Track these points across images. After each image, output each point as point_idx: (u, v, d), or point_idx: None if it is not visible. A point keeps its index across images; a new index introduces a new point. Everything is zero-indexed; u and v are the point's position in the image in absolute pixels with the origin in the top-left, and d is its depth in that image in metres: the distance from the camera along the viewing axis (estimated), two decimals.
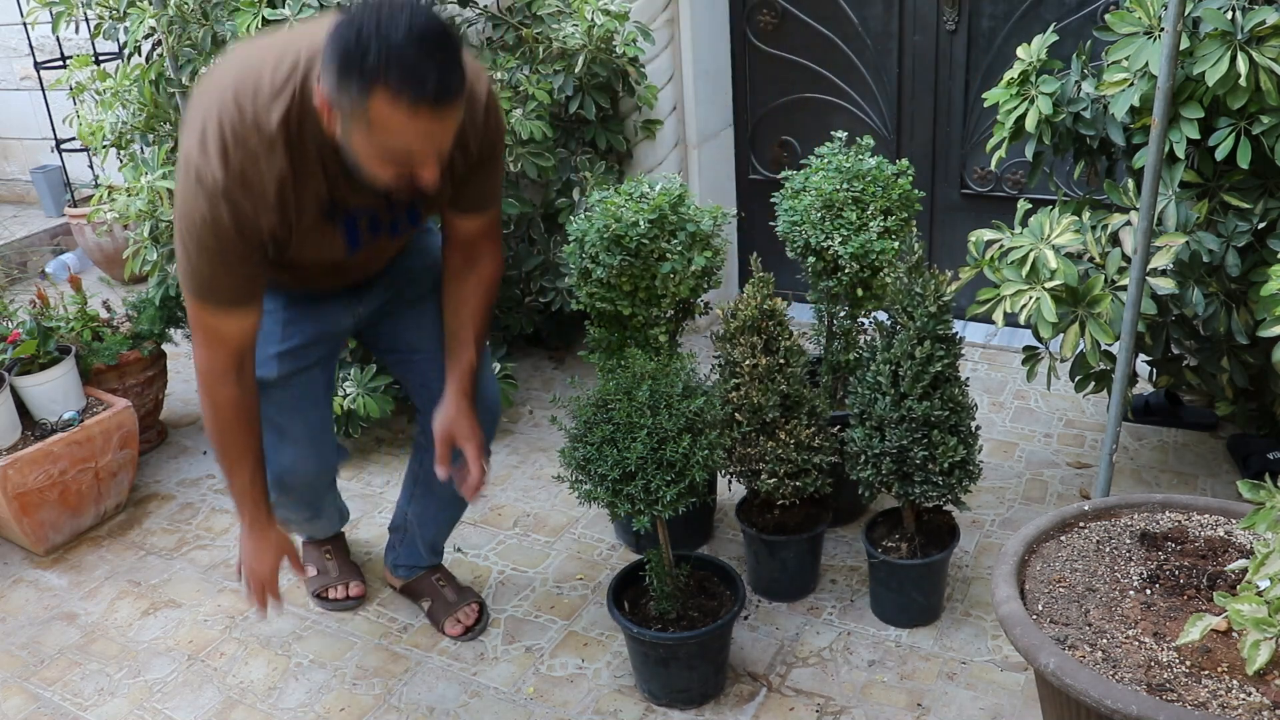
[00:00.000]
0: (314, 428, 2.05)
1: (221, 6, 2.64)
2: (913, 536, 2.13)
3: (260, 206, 1.62)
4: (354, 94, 1.46)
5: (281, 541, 1.89)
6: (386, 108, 1.45)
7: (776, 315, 2.10)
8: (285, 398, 2.00)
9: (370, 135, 1.51)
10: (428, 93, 1.44)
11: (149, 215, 2.81)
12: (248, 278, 1.71)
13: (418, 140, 1.51)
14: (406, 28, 1.42)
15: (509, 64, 2.86)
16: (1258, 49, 1.85)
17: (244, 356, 1.76)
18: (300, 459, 2.04)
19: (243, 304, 1.72)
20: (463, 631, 2.25)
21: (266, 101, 1.58)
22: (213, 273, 1.67)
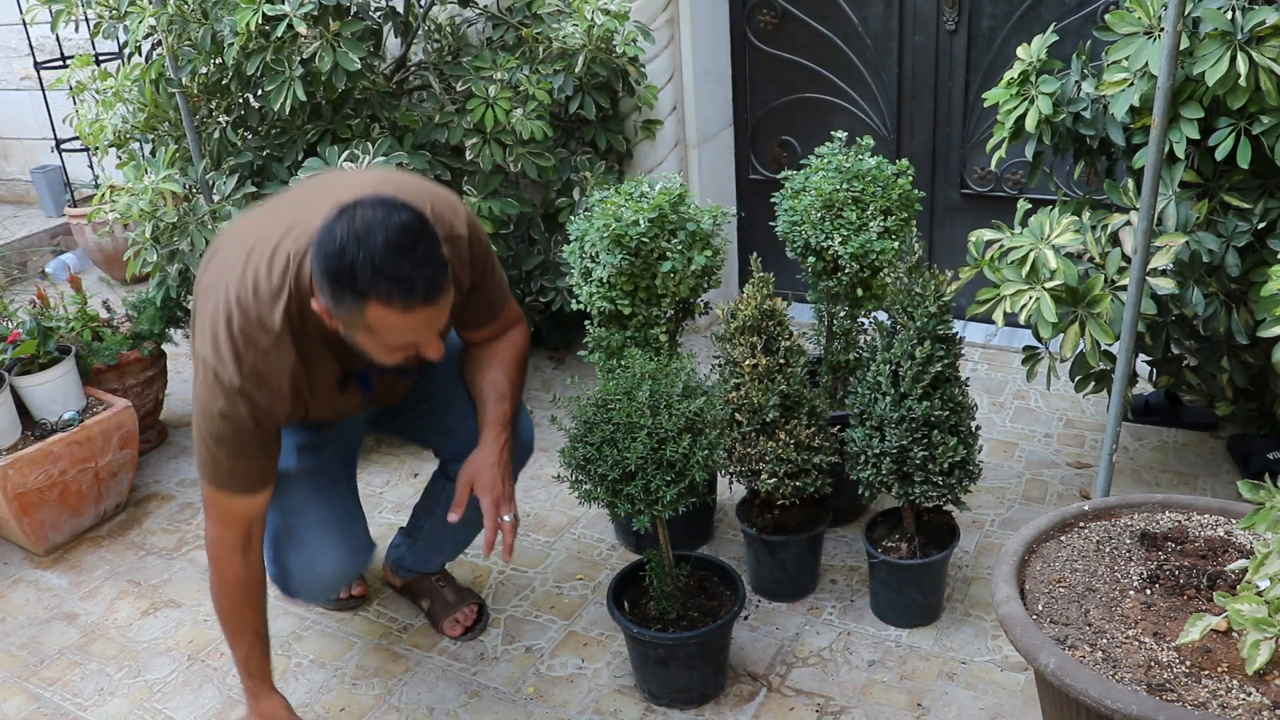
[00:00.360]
0: (338, 514, 1.99)
1: (221, 5, 2.64)
2: (913, 536, 2.13)
3: (275, 399, 1.71)
4: (350, 307, 1.57)
5: (272, 715, 1.92)
6: (382, 313, 1.56)
7: (776, 315, 2.10)
8: (305, 487, 1.97)
9: (372, 337, 1.62)
10: (417, 295, 1.55)
11: (150, 215, 2.81)
12: (263, 466, 1.79)
13: (418, 332, 1.62)
14: (383, 237, 1.52)
15: (509, 64, 2.86)
16: (1258, 49, 1.85)
17: (252, 530, 1.84)
18: (332, 558, 1.95)
19: (257, 490, 1.80)
20: (462, 632, 2.26)
21: (268, 301, 1.67)
22: (231, 464, 1.75)
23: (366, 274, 1.52)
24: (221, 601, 1.87)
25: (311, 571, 1.96)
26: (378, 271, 1.52)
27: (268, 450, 1.79)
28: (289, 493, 1.96)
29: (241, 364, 1.68)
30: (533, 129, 2.82)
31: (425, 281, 1.55)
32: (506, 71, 2.85)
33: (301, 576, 1.97)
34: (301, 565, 1.96)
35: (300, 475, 1.99)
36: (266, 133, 2.92)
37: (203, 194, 2.82)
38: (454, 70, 2.91)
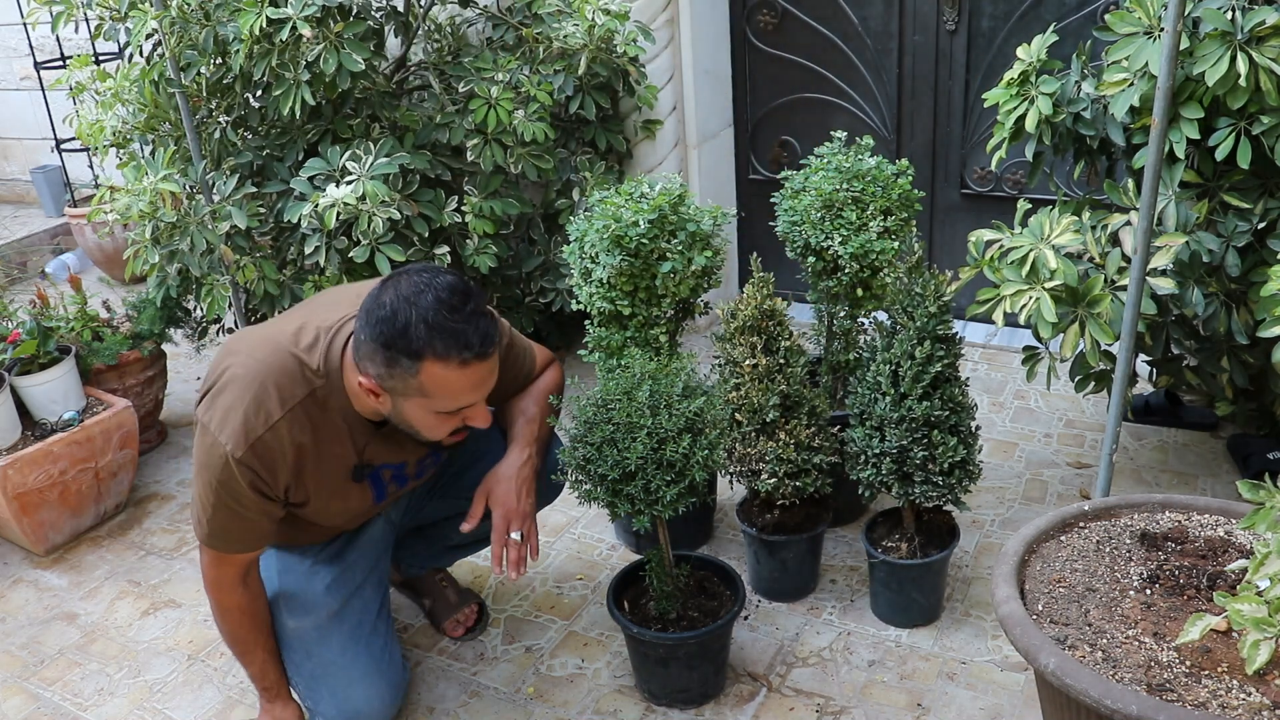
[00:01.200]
0: (377, 656, 1.94)
1: (223, 7, 2.64)
2: (913, 536, 2.13)
3: (279, 471, 1.69)
4: (405, 369, 1.57)
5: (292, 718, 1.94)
6: (440, 372, 1.56)
7: (776, 315, 2.10)
8: (344, 632, 1.93)
9: (427, 402, 1.61)
10: (474, 348, 1.56)
11: (150, 216, 2.81)
12: (260, 530, 1.77)
13: (472, 392, 1.62)
14: (434, 297, 1.55)
15: (509, 64, 2.86)
16: (1258, 49, 1.85)
17: (250, 567, 1.84)
18: (371, 696, 1.90)
19: (250, 550, 1.80)
20: (464, 632, 2.26)
21: (292, 373, 1.67)
22: (225, 526, 1.74)
23: (421, 332, 1.53)
24: (226, 629, 1.87)
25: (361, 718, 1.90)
26: (433, 329, 1.53)
27: (267, 515, 1.75)
28: (325, 642, 1.91)
29: (248, 435, 1.64)
30: (533, 130, 2.82)
31: (480, 335, 1.57)
32: (507, 72, 2.85)
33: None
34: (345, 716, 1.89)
35: (333, 622, 1.93)
36: (267, 133, 2.92)
37: (203, 194, 2.82)
38: (454, 70, 2.91)
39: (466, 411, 1.67)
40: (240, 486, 1.67)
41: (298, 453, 1.69)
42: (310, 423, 1.69)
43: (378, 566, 2.06)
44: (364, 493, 1.87)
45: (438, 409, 1.63)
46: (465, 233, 2.90)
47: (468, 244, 2.89)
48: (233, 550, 1.78)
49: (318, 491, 1.78)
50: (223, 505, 1.70)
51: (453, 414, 1.66)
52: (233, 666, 2.23)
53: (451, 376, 1.57)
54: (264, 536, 1.79)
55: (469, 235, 2.89)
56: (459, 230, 2.91)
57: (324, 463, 1.74)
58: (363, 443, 1.77)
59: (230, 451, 1.64)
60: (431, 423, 1.66)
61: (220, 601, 1.84)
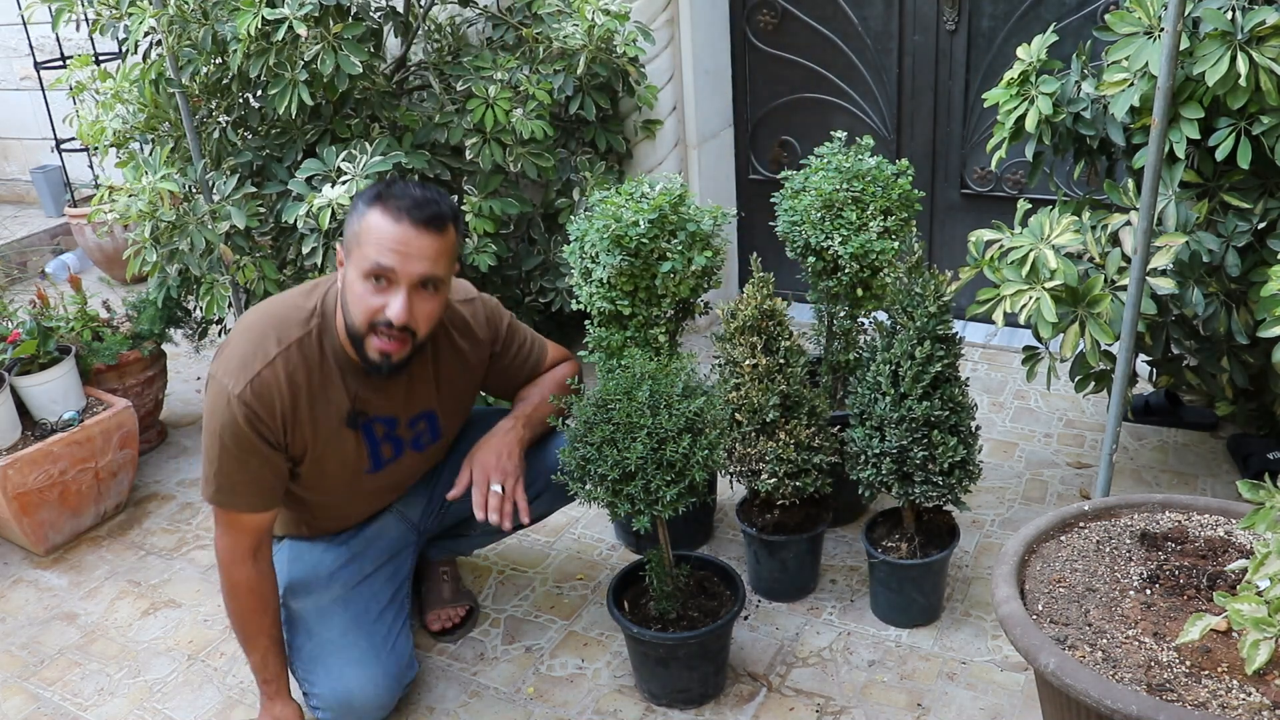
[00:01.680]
0: (378, 644, 1.95)
1: (221, 6, 2.64)
2: (913, 536, 2.13)
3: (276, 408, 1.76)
4: (358, 216, 1.72)
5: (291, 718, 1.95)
6: (377, 220, 1.69)
7: (776, 315, 2.10)
8: (347, 616, 1.96)
9: (360, 254, 1.70)
10: (412, 212, 1.69)
11: (149, 216, 2.81)
12: (266, 484, 1.82)
13: (396, 248, 1.68)
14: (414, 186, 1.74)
15: (509, 64, 2.86)
16: (1258, 49, 1.85)
17: (262, 540, 1.87)
18: (365, 680, 1.90)
19: (261, 509, 1.84)
20: (440, 629, 2.25)
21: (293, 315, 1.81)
22: (230, 477, 1.78)
23: (386, 189, 1.72)
24: (234, 609, 1.88)
25: (347, 704, 1.89)
26: (395, 189, 1.72)
27: (271, 467, 1.81)
28: (327, 623, 1.95)
29: (247, 372, 1.74)
30: (533, 129, 2.82)
31: (424, 204, 1.70)
32: (506, 71, 2.85)
33: (338, 709, 1.90)
34: (337, 698, 1.89)
35: (337, 605, 1.97)
36: (266, 133, 2.92)
37: (202, 194, 2.82)
38: (454, 70, 2.91)
39: (390, 292, 1.71)
40: (242, 428, 1.74)
41: (294, 390, 1.77)
42: (305, 362, 1.78)
43: (392, 562, 2.09)
44: (359, 446, 1.90)
45: (363, 265, 1.70)
46: (465, 232, 2.90)
47: (467, 243, 2.89)
48: (239, 507, 1.81)
49: (314, 437, 1.83)
50: (226, 453, 1.76)
51: (376, 280, 1.70)
52: (233, 667, 2.23)
53: (383, 226, 1.68)
54: (269, 493, 1.83)
55: (468, 235, 2.89)
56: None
57: (318, 406, 1.81)
58: (354, 388, 1.84)
59: (230, 389, 1.73)
60: (358, 292, 1.72)
61: (230, 577, 1.86)
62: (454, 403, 2.03)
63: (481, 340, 2.00)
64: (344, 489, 1.97)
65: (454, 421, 2.07)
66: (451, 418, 2.05)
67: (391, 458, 1.97)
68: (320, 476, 1.90)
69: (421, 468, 2.09)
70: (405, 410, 1.94)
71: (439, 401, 1.98)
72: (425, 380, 1.94)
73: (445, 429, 2.04)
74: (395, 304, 1.70)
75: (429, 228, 1.69)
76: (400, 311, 1.70)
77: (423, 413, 1.97)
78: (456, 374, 1.98)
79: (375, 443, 1.93)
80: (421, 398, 1.95)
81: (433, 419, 2.00)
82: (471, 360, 2.00)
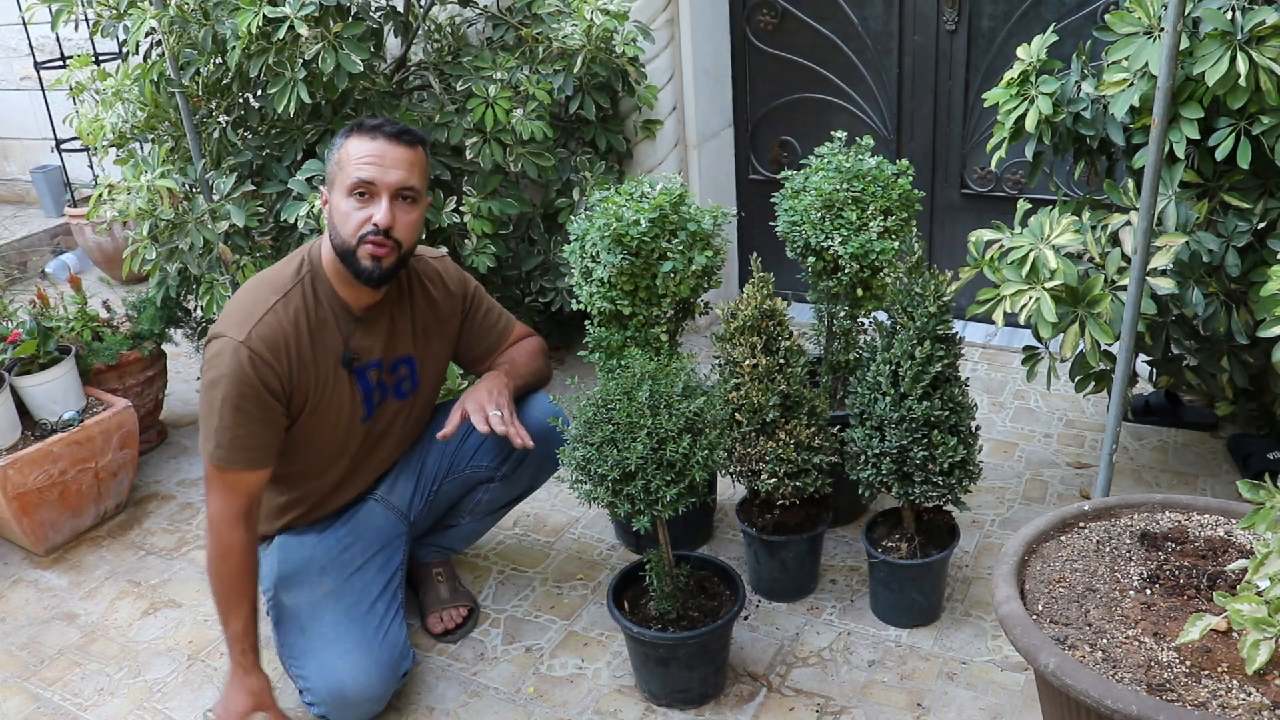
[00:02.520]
0: (370, 635, 1.96)
1: (222, 6, 2.64)
2: (913, 536, 2.13)
3: (281, 353, 1.86)
4: (336, 150, 1.89)
5: (260, 692, 1.94)
6: (354, 142, 1.86)
7: (776, 315, 2.10)
8: (338, 609, 1.98)
9: (343, 178, 1.86)
10: (385, 128, 1.87)
11: (149, 214, 2.81)
12: (264, 437, 1.88)
13: (374, 161, 1.84)
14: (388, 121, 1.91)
15: (509, 64, 2.86)
16: (1258, 49, 1.85)
17: (253, 503, 1.93)
18: (357, 670, 1.91)
19: (258, 466, 1.89)
20: (442, 631, 2.25)
21: (283, 268, 1.94)
22: (233, 432, 1.84)
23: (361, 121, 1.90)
24: (221, 572, 1.90)
25: (340, 696, 1.90)
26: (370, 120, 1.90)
27: (269, 417, 1.88)
28: (319, 617, 1.97)
29: (251, 320, 1.85)
30: (533, 129, 2.82)
31: (394, 124, 1.88)
32: (506, 71, 2.85)
33: (331, 701, 1.91)
34: (330, 690, 1.90)
35: (328, 598, 2.00)
36: (266, 132, 2.92)
37: (202, 193, 2.82)
38: (454, 70, 2.91)
39: (373, 203, 1.85)
40: (248, 376, 1.82)
41: (297, 332, 1.89)
42: (304, 304, 1.91)
43: (382, 553, 2.12)
44: (353, 390, 1.99)
45: (346, 184, 1.85)
46: (464, 233, 2.90)
47: (466, 244, 2.89)
48: (238, 464, 1.86)
49: (316, 381, 1.92)
50: (229, 405, 1.83)
51: (359, 196, 1.85)
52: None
53: (360, 145, 1.85)
54: (271, 445, 1.90)
55: (468, 235, 2.89)
56: (458, 230, 2.91)
57: (318, 347, 1.93)
58: (348, 329, 1.97)
59: (235, 337, 1.83)
60: (343, 210, 1.86)
61: (222, 539, 1.88)
62: (430, 355, 2.12)
63: (453, 293, 2.12)
64: (338, 442, 2.04)
65: (430, 375, 2.15)
66: (428, 369, 2.14)
67: (379, 402, 2.07)
68: (319, 426, 1.98)
69: (405, 428, 2.15)
70: (389, 353, 2.04)
71: (416, 348, 2.08)
72: (404, 324, 2.06)
73: (423, 379, 2.13)
74: (380, 210, 1.85)
75: (401, 140, 1.86)
76: (385, 215, 1.85)
77: (404, 357, 2.07)
78: (431, 322, 2.09)
79: (368, 387, 2.03)
80: (402, 341, 2.06)
81: (412, 364, 2.09)
82: (444, 310, 2.11)
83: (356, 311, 1.97)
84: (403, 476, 2.20)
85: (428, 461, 2.21)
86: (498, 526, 2.62)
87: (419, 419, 2.20)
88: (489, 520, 2.33)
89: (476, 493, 2.23)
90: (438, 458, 2.20)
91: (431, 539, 2.32)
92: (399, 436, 2.16)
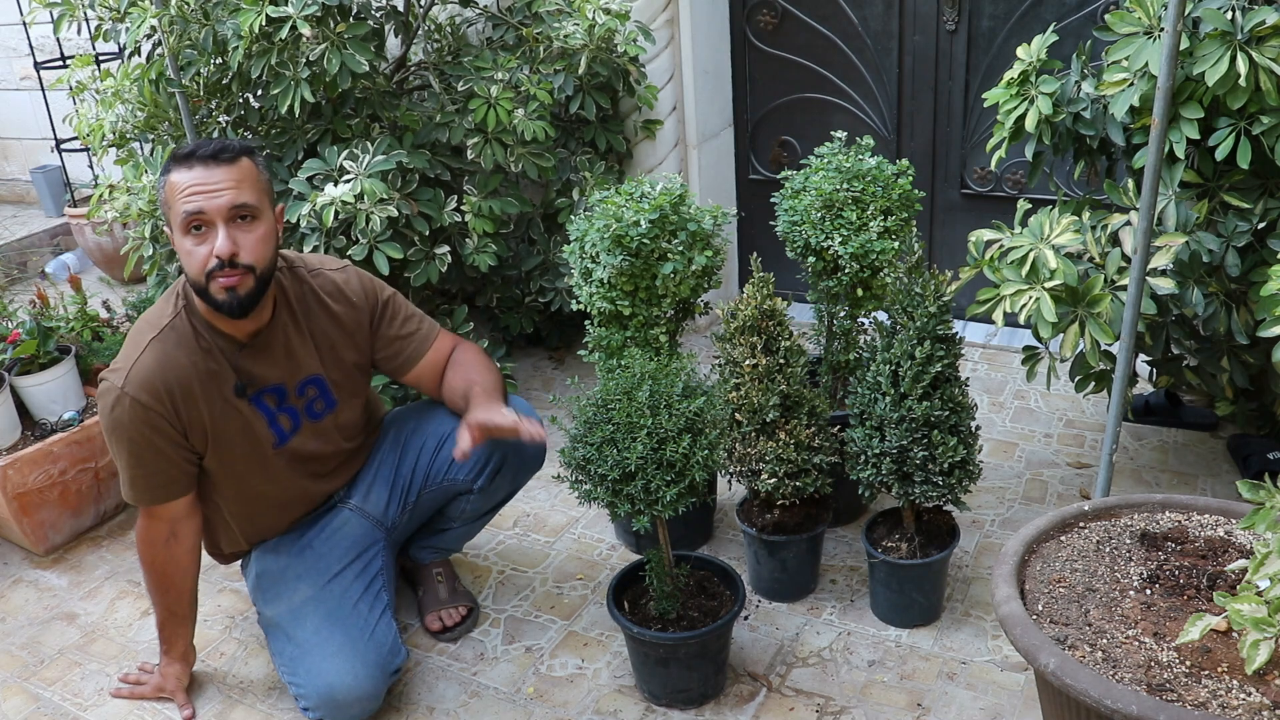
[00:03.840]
0: (355, 636, 1.97)
1: (222, 6, 2.64)
2: (913, 536, 2.13)
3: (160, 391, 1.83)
4: (160, 189, 1.81)
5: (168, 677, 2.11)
6: (175, 177, 1.78)
7: (776, 315, 2.10)
8: (319, 614, 1.99)
9: (172, 214, 1.79)
10: (200, 150, 1.78)
11: (149, 215, 2.81)
12: (166, 475, 1.90)
13: (196, 191, 1.76)
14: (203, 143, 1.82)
15: (509, 64, 2.86)
16: (1258, 49, 1.85)
17: (177, 527, 1.97)
18: (344, 671, 1.92)
19: (171, 497, 1.93)
20: (440, 629, 2.25)
21: (159, 307, 1.91)
22: (138, 472, 1.88)
23: (172, 152, 1.83)
24: (144, 577, 2.02)
25: (331, 697, 1.91)
26: (178, 152, 1.81)
27: (167, 454, 1.88)
28: (301, 624, 1.99)
29: (127, 364, 1.83)
30: (533, 129, 2.82)
31: (208, 145, 1.78)
32: (507, 71, 2.85)
33: (323, 704, 1.92)
34: (320, 694, 1.92)
35: (308, 605, 2.01)
36: (266, 132, 2.92)
37: None
38: (454, 70, 2.91)
39: (209, 234, 1.78)
40: (136, 421, 1.82)
41: (176, 369, 1.85)
42: (180, 341, 1.87)
43: (360, 560, 2.11)
44: (255, 418, 1.96)
45: (178, 221, 1.77)
46: (465, 232, 2.90)
47: (467, 243, 2.89)
48: (156, 499, 1.91)
49: (210, 414, 1.89)
50: (124, 450, 1.86)
51: (195, 233, 1.78)
52: (233, 667, 2.23)
53: (180, 178, 1.76)
54: (177, 480, 1.92)
55: (469, 234, 2.89)
56: (459, 229, 2.91)
57: (205, 381, 1.89)
58: (233, 357, 1.92)
59: (116, 384, 1.83)
60: (185, 249, 1.79)
61: (143, 556, 1.99)
62: (341, 370, 2.06)
63: (357, 305, 2.05)
64: (259, 472, 2.01)
65: (347, 390, 2.08)
66: (343, 385, 2.07)
67: (291, 429, 2.02)
68: (230, 459, 1.96)
69: (333, 441, 2.11)
70: (291, 377, 1.99)
71: (323, 367, 2.03)
72: (303, 344, 1.99)
73: (339, 396, 2.07)
74: (218, 240, 1.77)
75: (218, 160, 1.77)
76: (224, 244, 1.77)
77: (310, 378, 2.02)
78: (335, 338, 2.03)
79: (271, 414, 1.99)
80: (304, 363, 2.00)
81: (321, 384, 2.04)
82: (348, 324, 2.04)
83: (242, 339, 1.91)
84: (377, 484, 2.18)
85: (401, 471, 2.18)
86: (497, 526, 2.62)
87: (349, 431, 2.14)
88: (479, 524, 2.31)
89: (458, 502, 2.21)
90: (411, 468, 2.17)
91: (427, 541, 2.32)
92: (337, 451, 2.12)
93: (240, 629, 2.35)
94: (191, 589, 2.05)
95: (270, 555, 2.11)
